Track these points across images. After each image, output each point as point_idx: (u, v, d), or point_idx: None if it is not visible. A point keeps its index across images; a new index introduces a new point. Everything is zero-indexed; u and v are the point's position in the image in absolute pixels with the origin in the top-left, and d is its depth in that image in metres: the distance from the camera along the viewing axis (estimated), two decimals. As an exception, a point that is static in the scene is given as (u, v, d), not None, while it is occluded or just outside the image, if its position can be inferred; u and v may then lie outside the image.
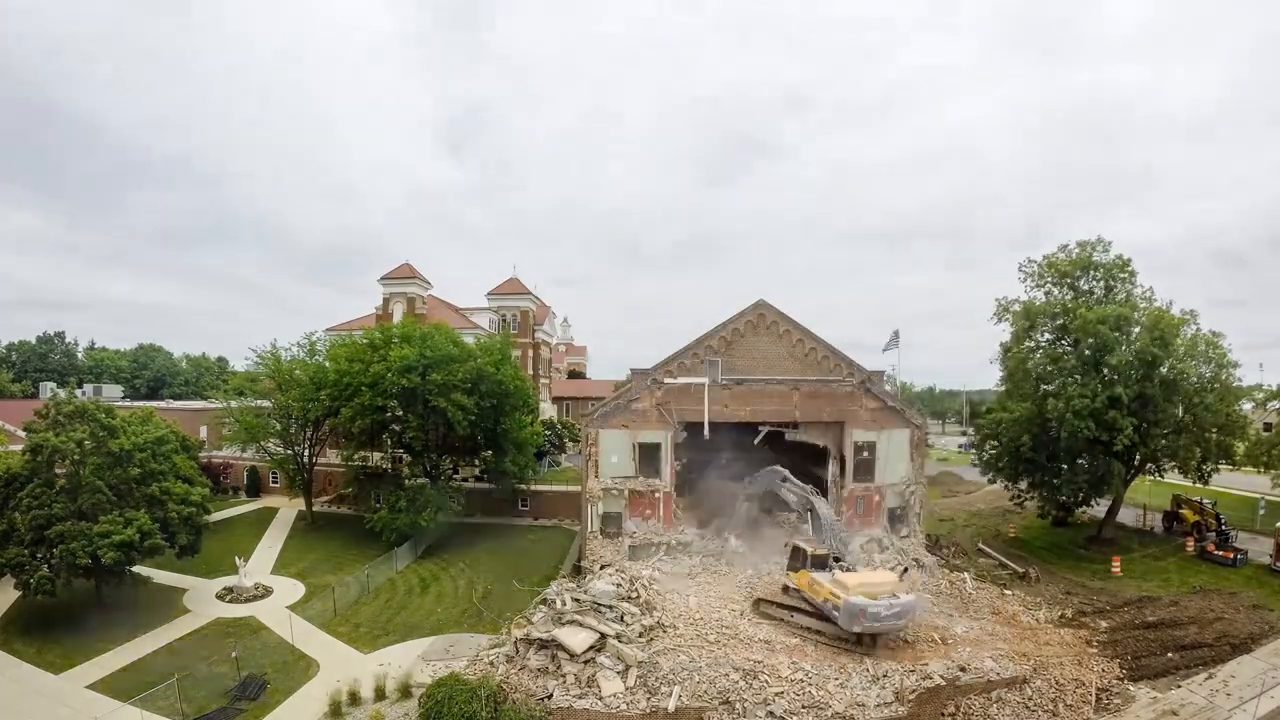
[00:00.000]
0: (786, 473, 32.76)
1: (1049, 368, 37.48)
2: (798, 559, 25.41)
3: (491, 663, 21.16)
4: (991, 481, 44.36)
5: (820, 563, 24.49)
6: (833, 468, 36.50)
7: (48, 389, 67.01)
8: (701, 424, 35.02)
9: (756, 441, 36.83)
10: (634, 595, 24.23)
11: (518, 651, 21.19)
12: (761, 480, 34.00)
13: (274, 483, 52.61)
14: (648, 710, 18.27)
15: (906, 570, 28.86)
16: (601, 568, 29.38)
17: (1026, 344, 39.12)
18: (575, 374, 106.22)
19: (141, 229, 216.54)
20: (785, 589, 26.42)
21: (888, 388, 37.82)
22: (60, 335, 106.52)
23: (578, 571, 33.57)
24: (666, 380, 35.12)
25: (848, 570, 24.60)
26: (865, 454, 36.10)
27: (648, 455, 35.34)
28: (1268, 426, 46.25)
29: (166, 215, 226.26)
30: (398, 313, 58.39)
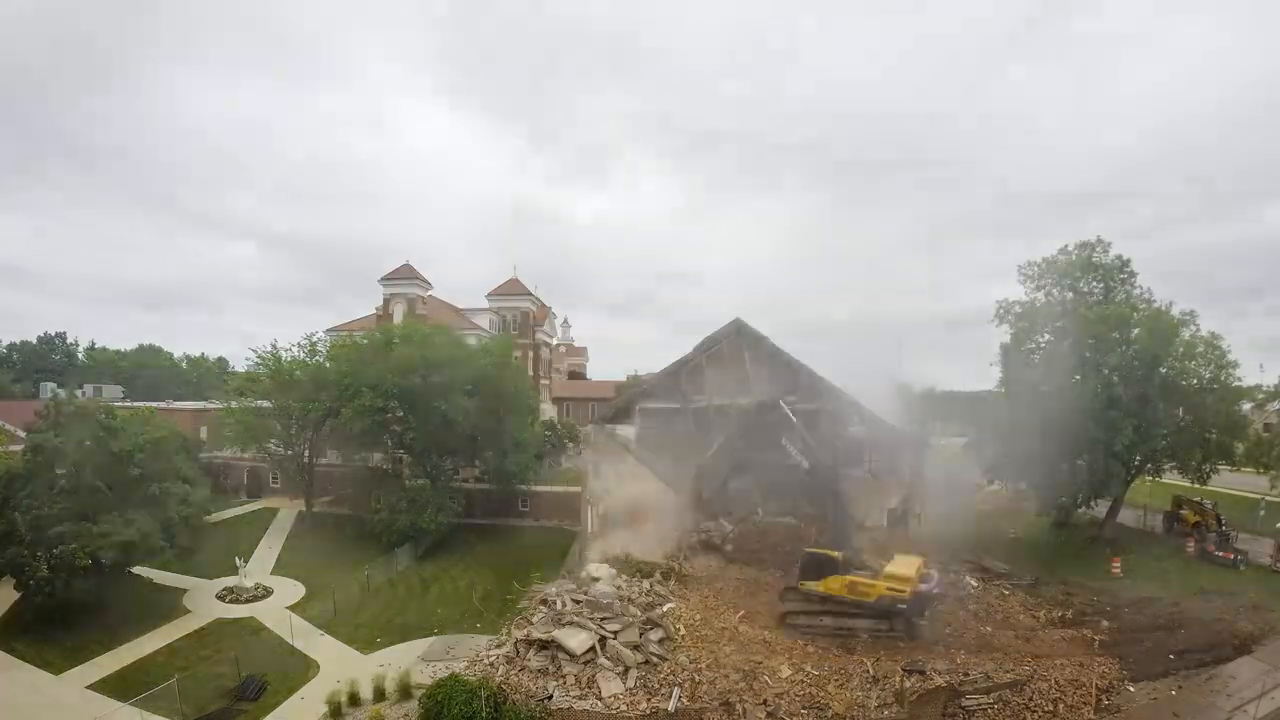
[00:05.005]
0: (791, 416, 27.04)
1: (1049, 369, 37.48)
2: (822, 568, 23.89)
3: (491, 663, 21.13)
4: (991, 482, 44.35)
5: (847, 566, 23.60)
6: None
7: (48, 389, 67.13)
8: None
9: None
10: (634, 597, 24.20)
11: (518, 652, 21.16)
12: (758, 429, 28.85)
13: (274, 483, 52.59)
14: (648, 711, 18.26)
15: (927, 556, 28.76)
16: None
17: (1026, 345, 39.14)
18: (575, 375, 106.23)
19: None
20: (784, 594, 25.80)
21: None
22: (61, 335, 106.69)
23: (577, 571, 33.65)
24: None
25: (866, 563, 24.24)
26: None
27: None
28: (1268, 427, 46.25)
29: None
30: (398, 313, 58.47)
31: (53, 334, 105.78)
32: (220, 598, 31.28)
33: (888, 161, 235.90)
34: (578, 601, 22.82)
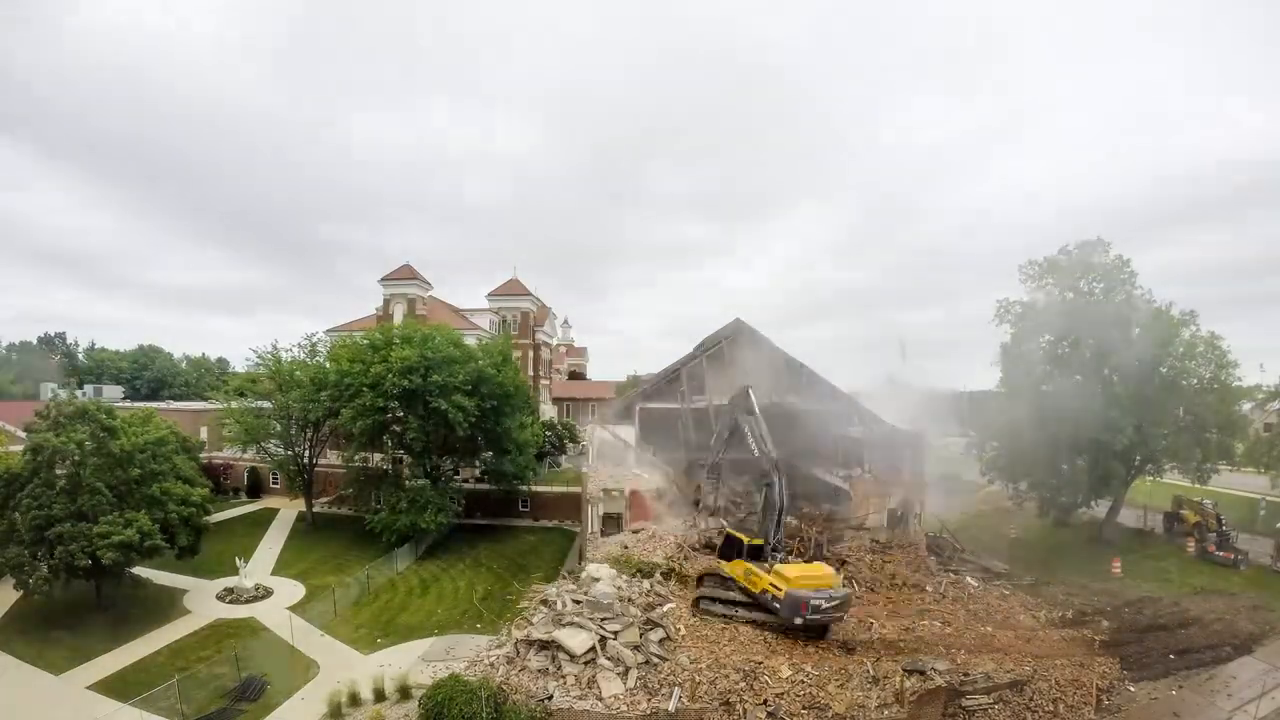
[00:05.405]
0: (754, 404, 27.28)
1: (1049, 369, 37.51)
2: (731, 548, 24.67)
3: (492, 664, 21.12)
4: (991, 482, 44.43)
5: (756, 553, 23.90)
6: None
7: (48, 390, 67.05)
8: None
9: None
10: (634, 597, 24.19)
11: (518, 652, 21.15)
12: (730, 408, 29.32)
13: (274, 484, 52.59)
14: (648, 711, 18.25)
15: (844, 563, 28.78)
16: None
17: (1027, 345, 39.17)
18: (576, 375, 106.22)
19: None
20: (701, 580, 25.91)
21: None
22: (61, 336, 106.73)
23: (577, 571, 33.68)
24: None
25: (783, 560, 24.23)
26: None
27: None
28: (1268, 427, 46.29)
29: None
30: (398, 314, 58.42)
31: (53, 335, 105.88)
32: (220, 598, 31.26)
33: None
34: (578, 602, 22.80)
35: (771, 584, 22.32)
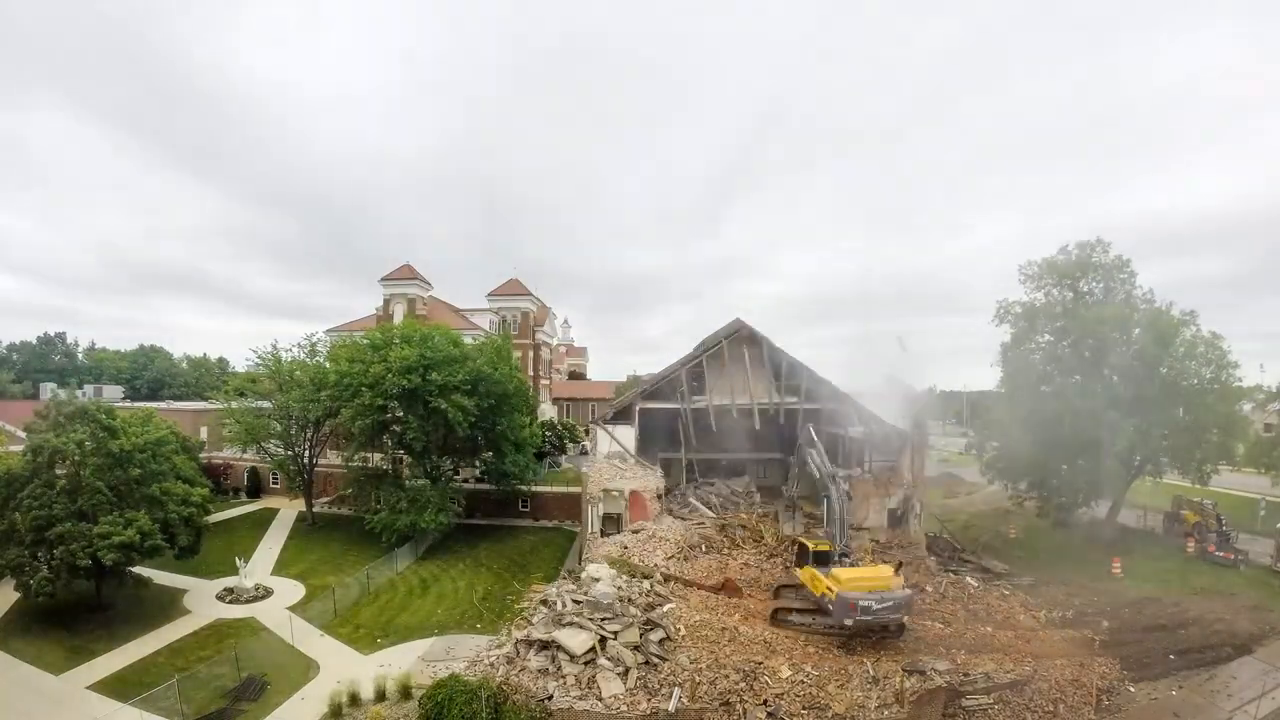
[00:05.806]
0: (814, 437, 30.01)
1: (1049, 369, 37.51)
2: (803, 555, 25.35)
3: (492, 664, 21.13)
4: (991, 482, 44.40)
5: (824, 558, 24.26)
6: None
7: (48, 389, 67.12)
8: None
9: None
10: (634, 597, 24.20)
11: (518, 653, 21.16)
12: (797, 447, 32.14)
13: (274, 484, 52.62)
14: (648, 711, 18.26)
15: (901, 565, 28.85)
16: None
17: (1027, 345, 39.16)
18: (575, 375, 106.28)
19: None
20: (778, 591, 26.35)
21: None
22: (61, 336, 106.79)
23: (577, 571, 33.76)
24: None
25: (850, 565, 24.44)
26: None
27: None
28: (1268, 427, 46.30)
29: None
30: (398, 313, 58.43)
31: (53, 334, 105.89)
32: (220, 598, 31.26)
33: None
34: (578, 602, 22.80)
35: (828, 587, 22.34)
